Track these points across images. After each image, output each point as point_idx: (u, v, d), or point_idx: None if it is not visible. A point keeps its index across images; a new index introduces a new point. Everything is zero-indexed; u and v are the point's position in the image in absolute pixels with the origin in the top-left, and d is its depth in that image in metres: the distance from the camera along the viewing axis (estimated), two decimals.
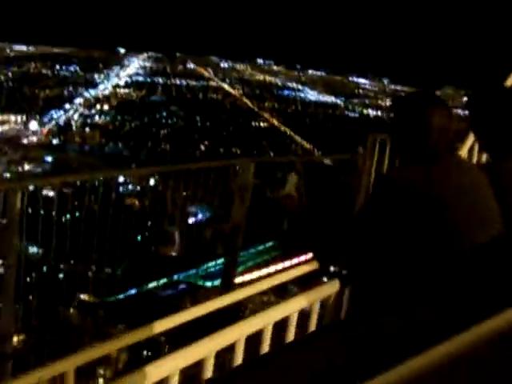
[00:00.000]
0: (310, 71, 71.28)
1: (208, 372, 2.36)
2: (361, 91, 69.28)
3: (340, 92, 66.71)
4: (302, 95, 65.36)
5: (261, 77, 69.59)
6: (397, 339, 1.18)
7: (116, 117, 50.90)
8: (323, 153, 47.57)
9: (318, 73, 71.05)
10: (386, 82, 70.56)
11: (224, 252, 8.30)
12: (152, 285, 6.86)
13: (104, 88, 60.28)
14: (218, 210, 10.43)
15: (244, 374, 1.19)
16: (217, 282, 8.57)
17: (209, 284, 8.58)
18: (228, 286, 6.65)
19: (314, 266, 3.21)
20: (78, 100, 55.27)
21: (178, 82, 63.74)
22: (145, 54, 73.61)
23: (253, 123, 53.56)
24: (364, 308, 2.82)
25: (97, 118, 51.27)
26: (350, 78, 71.47)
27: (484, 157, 5.38)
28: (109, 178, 7.11)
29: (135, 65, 70.53)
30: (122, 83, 62.68)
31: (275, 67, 73.07)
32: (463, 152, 4.92)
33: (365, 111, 63.56)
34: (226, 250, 7.26)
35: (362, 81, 71.59)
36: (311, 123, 56.04)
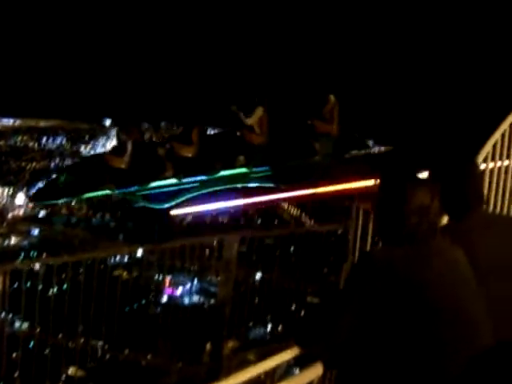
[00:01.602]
0: None
1: None
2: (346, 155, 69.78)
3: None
4: None
5: None
6: None
7: None
8: (310, 218, 47.68)
9: None
10: (370, 143, 71.33)
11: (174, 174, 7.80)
12: (91, 194, 6.53)
13: None
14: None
15: None
16: (162, 206, 8.07)
17: (154, 206, 8.11)
18: None
19: (296, 351, 3.12)
20: None
21: None
22: None
23: None
24: None
25: None
26: None
27: None
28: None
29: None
30: None
31: None
32: None
33: None
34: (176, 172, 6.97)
35: None
36: None
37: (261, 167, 9.16)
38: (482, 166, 5.51)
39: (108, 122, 75.51)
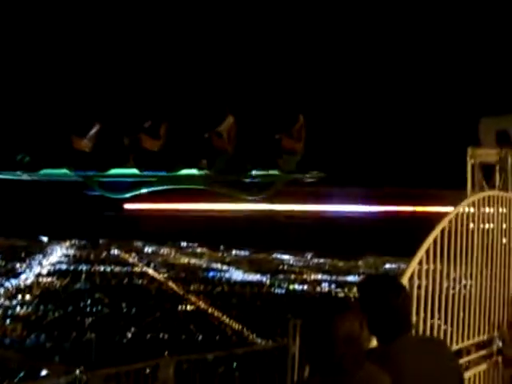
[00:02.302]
0: (234, 251, 72.29)
1: None
2: (285, 267, 70.21)
3: (265, 269, 67.52)
4: (228, 275, 65.78)
5: (185, 260, 69.99)
6: None
7: (38, 307, 49.66)
8: (252, 331, 47.59)
9: (242, 252, 72.07)
10: (309, 256, 72.04)
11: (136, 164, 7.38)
12: (49, 171, 6.14)
13: (26, 277, 59.19)
14: None
15: None
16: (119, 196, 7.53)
17: (110, 195, 7.60)
18: None
19: None
20: None
21: (101, 268, 63.35)
22: (68, 242, 73.33)
23: (179, 307, 53.18)
24: None
25: (18, 308, 49.88)
26: (274, 255, 72.60)
27: None
28: None
29: (58, 253, 69.99)
30: (44, 272, 61.82)
31: (199, 249, 73.84)
32: None
33: (291, 286, 64.28)
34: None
35: (285, 257, 72.78)
36: (238, 303, 56.04)
37: (221, 173, 8.96)
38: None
39: (45, 239, 74.53)
